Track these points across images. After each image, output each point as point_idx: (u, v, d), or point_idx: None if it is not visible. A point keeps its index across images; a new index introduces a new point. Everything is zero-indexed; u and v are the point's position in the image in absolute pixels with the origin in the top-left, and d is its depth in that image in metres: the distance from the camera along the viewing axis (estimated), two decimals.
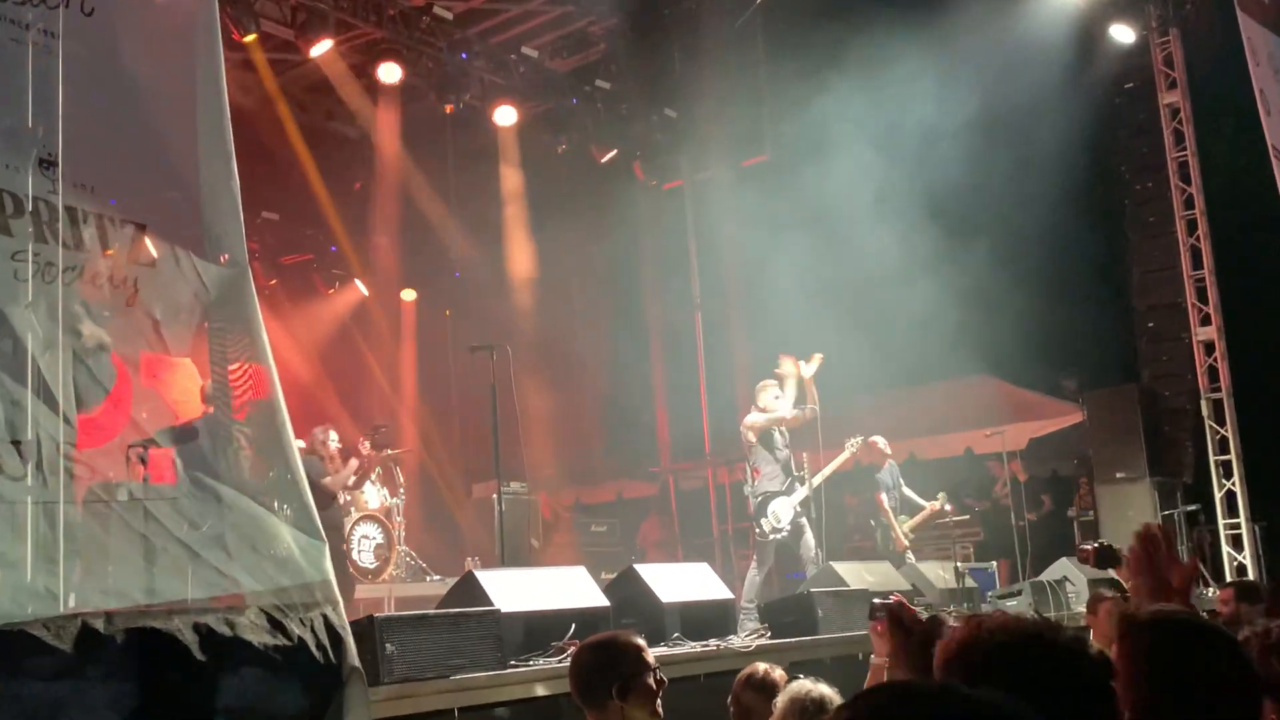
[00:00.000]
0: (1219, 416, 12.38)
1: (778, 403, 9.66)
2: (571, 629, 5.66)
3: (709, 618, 6.76)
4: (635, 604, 6.44)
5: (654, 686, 3.52)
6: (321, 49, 11.07)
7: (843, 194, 11.45)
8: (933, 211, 11.75)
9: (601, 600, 6.26)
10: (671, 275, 15.14)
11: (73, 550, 3.58)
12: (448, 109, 12.59)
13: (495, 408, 8.26)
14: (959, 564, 9.50)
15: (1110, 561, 4.35)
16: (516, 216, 14.07)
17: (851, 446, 10.29)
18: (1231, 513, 12.23)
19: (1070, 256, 12.61)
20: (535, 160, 13.85)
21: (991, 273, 11.48)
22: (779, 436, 9.71)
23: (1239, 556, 12.08)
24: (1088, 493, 12.33)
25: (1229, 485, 12.25)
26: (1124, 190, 13.44)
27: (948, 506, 11.02)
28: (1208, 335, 12.56)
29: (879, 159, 11.66)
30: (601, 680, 3.49)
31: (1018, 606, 8.30)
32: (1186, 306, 12.68)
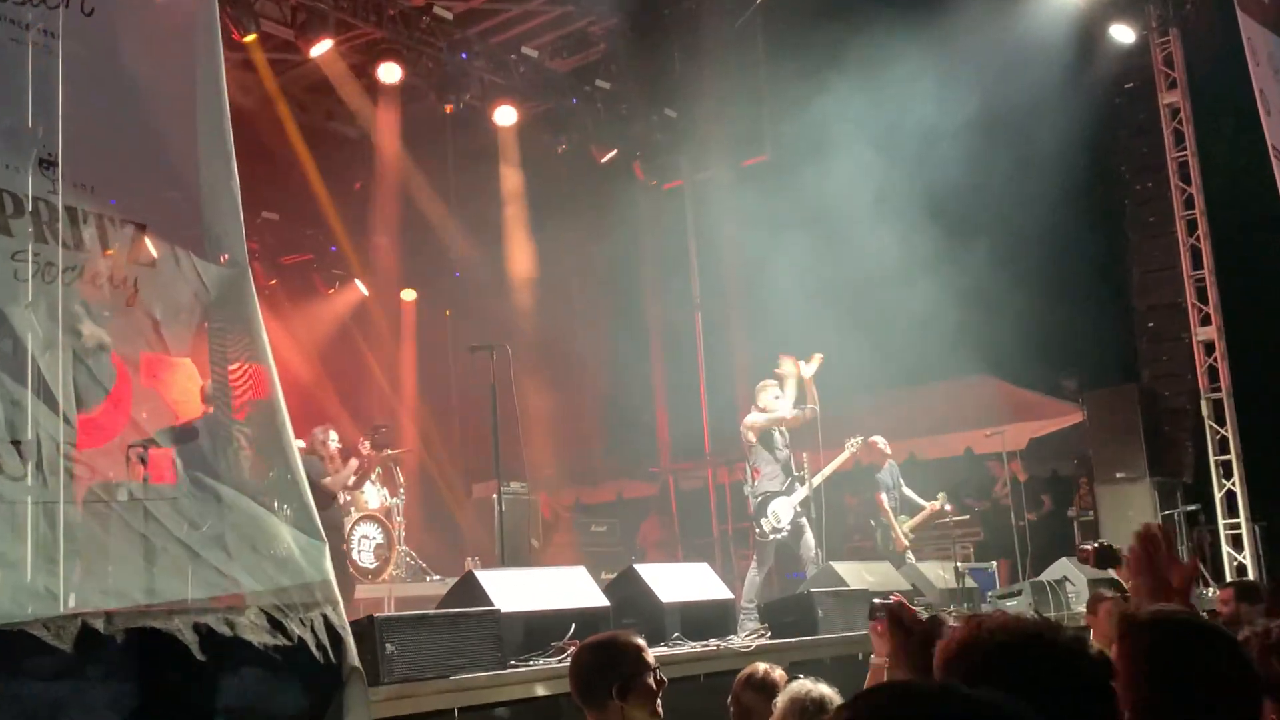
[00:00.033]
0: (1219, 416, 12.36)
1: (778, 403, 9.65)
2: (571, 629, 5.65)
3: (709, 618, 6.74)
4: (635, 604, 6.43)
5: (654, 686, 3.51)
6: (321, 49, 11.05)
7: (842, 194, 11.42)
8: (933, 212, 11.73)
9: (601, 600, 6.25)
10: (671, 275, 15.12)
11: (73, 550, 3.57)
12: (448, 109, 12.57)
13: (495, 408, 8.25)
14: (959, 564, 9.49)
15: (1110, 561, 4.34)
16: (516, 217, 14.05)
17: (852, 446, 10.28)
18: (1231, 513, 12.21)
19: (1070, 256, 12.60)
20: (535, 160, 13.82)
21: (992, 273, 11.47)
22: (779, 436, 9.69)
23: (1239, 556, 12.06)
24: (1088, 493, 12.32)
25: (1229, 485, 12.23)
26: (1124, 190, 13.42)
27: (948, 506, 11.01)
28: (1208, 335, 12.55)
29: (879, 159, 11.64)
30: (601, 680, 3.49)
31: (1018, 606, 8.29)
32: (1186, 306, 12.67)
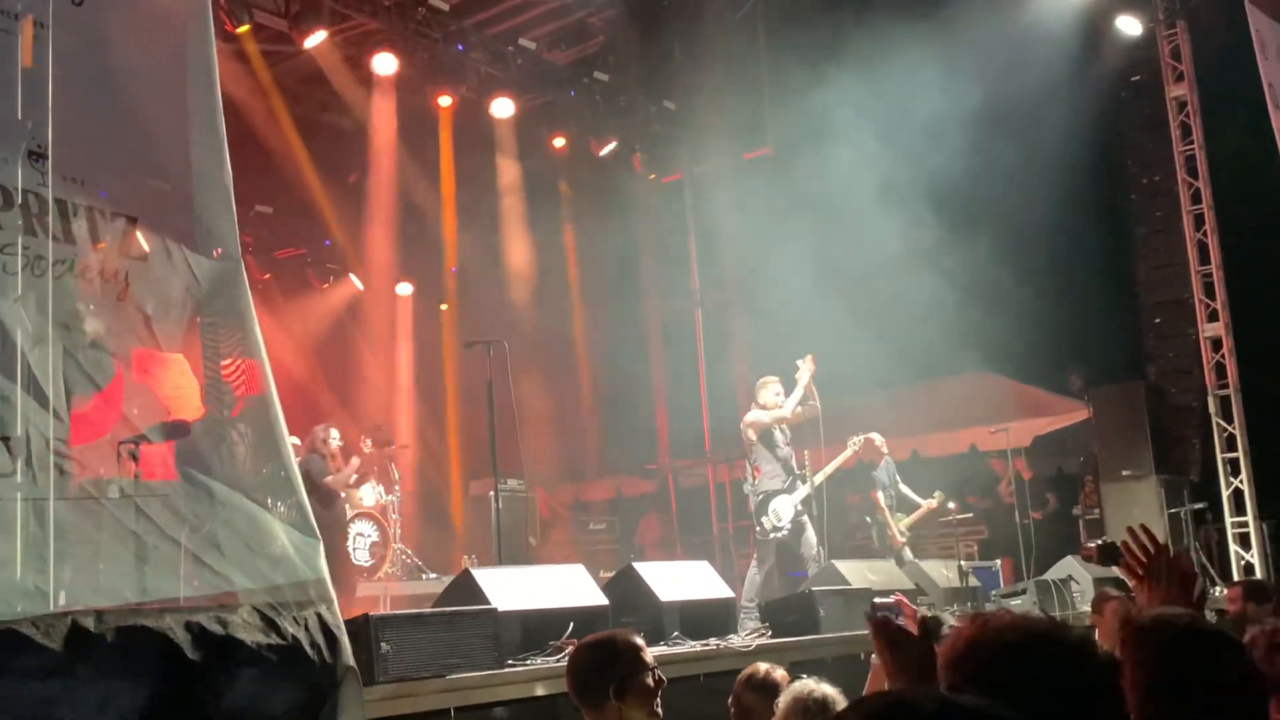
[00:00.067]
0: (1226, 413, 12.26)
1: (779, 400, 9.63)
2: (569, 628, 5.66)
3: (709, 617, 6.74)
4: (634, 603, 6.44)
5: (652, 686, 3.49)
6: (316, 40, 10.95)
7: (844, 187, 11.33)
8: (937, 206, 11.66)
9: (600, 599, 6.25)
10: (671, 269, 15.10)
11: (63, 548, 3.57)
12: (444, 101, 12.48)
13: (492, 404, 8.24)
14: (962, 562, 9.48)
15: (1113, 559, 4.32)
16: (513, 210, 14.00)
17: (854, 444, 10.34)
18: (1239, 511, 12.11)
19: (1076, 251, 12.53)
20: (533, 153, 13.76)
21: (996, 268, 11.39)
22: (780, 434, 9.69)
23: (1246, 555, 11.96)
24: (1093, 491, 12.21)
25: (1236, 483, 12.13)
26: (1130, 184, 13.37)
27: (950, 505, 10.92)
28: (1215, 331, 12.43)
29: (882, 152, 11.52)
30: (599, 680, 3.46)
31: (1022, 606, 8.22)
32: (1193, 302, 12.56)
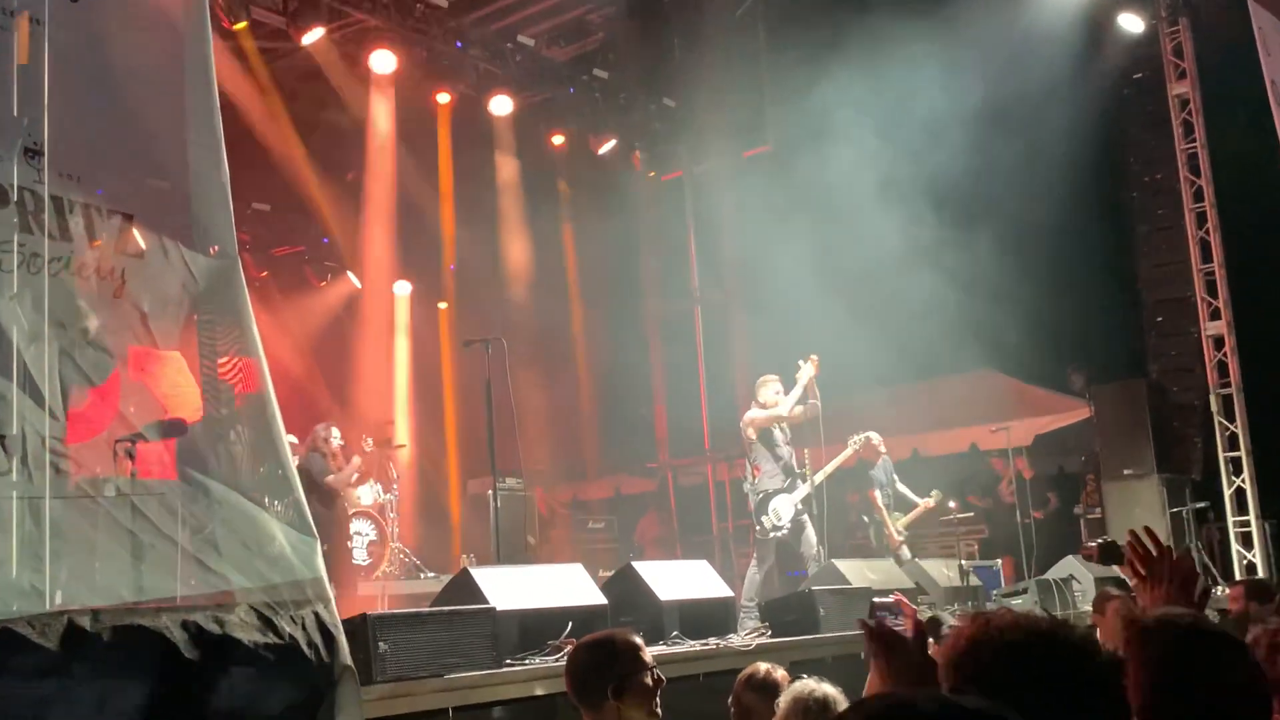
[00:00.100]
0: (1228, 412, 12.25)
1: (778, 398, 9.60)
2: (568, 627, 5.65)
3: (708, 616, 6.73)
4: (633, 602, 6.43)
5: (651, 685, 3.47)
6: (313, 37, 10.93)
7: (845, 185, 11.29)
8: (938, 204, 11.63)
9: (599, 598, 6.24)
10: (670, 268, 15.08)
11: (59, 546, 3.57)
12: (443, 98, 12.41)
13: (490, 402, 8.21)
14: (963, 562, 9.46)
15: (1114, 558, 4.32)
16: (512, 208, 13.95)
17: (854, 443, 10.31)
18: (1241, 510, 12.09)
19: (1078, 250, 12.48)
20: (532, 151, 13.72)
21: (997, 266, 11.33)
22: (780, 433, 9.66)
23: (1249, 554, 11.94)
24: (1095, 490, 12.16)
25: (1238, 482, 12.11)
26: (1132, 182, 13.33)
27: (951, 504, 10.87)
28: (1217, 330, 12.40)
29: (883, 150, 11.48)
30: (597, 679, 3.44)
31: (1023, 605, 8.15)
32: (1196, 300, 12.54)
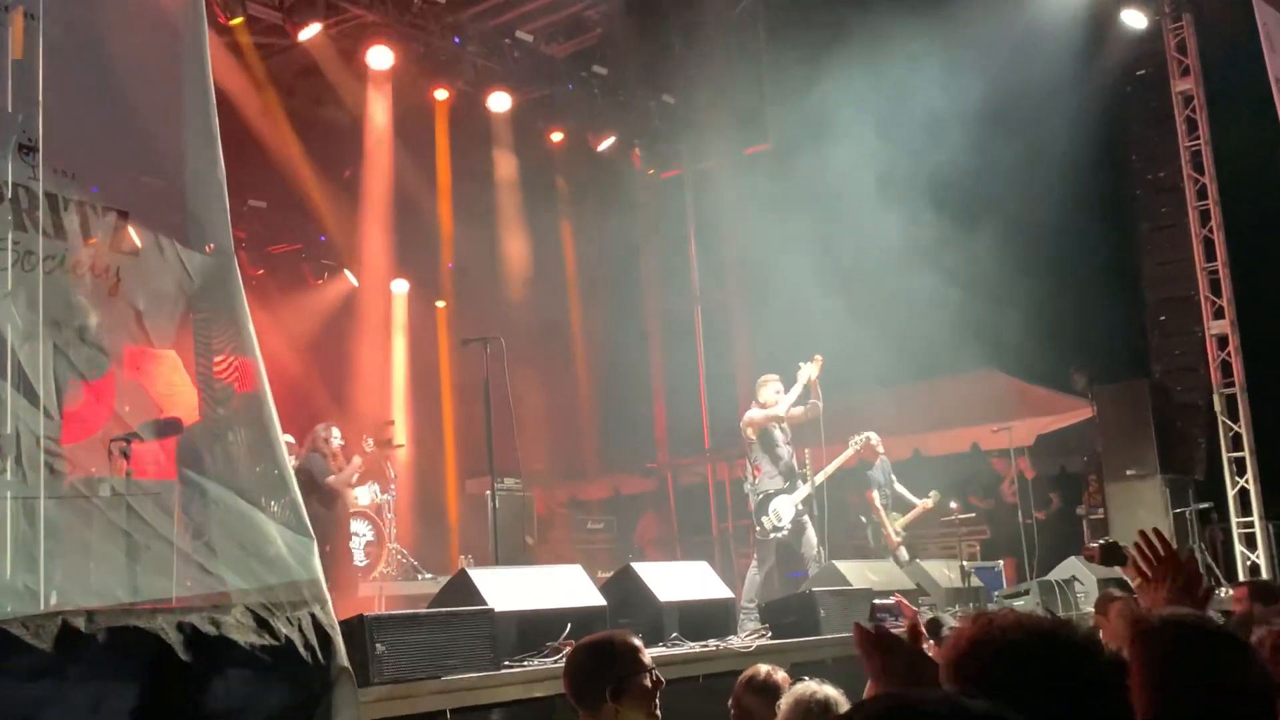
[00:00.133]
0: (1232, 412, 12.20)
1: (778, 398, 9.56)
2: (567, 629, 5.64)
3: (708, 617, 6.71)
4: (632, 603, 6.41)
5: (650, 687, 3.45)
6: (310, 33, 10.87)
7: (846, 183, 11.23)
8: (939, 202, 11.59)
9: (598, 599, 6.22)
10: (670, 266, 15.04)
11: (53, 547, 3.55)
12: (441, 95, 12.33)
13: (488, 401, 8.17)
14: (964, 563, 9.46)
15: (1116, 559, 4.36)
16: (511, 205, 13.90)
17: (855, 444, 10.29)
18: (1245, 510, 12.05)
19: (1080, 248, 12.45)
20: (530, 148, 13.66)
21: (999, 264, 11.29)
22: (780, 433, 9.63)
23: (1252, 555, 11.89)
24: (1097, 490, 12.12)
25: (1242, 482, 12.07)
26: (1135, 180, 13.29)
27: (952, 504, 10.81)
28: (1221, 329, 12.34)
29: (884, 147, 11.43)
30: (596, 681, 3.42)
31: (1025, 606, 8.07)
32: (1199, 299, 12.50)
